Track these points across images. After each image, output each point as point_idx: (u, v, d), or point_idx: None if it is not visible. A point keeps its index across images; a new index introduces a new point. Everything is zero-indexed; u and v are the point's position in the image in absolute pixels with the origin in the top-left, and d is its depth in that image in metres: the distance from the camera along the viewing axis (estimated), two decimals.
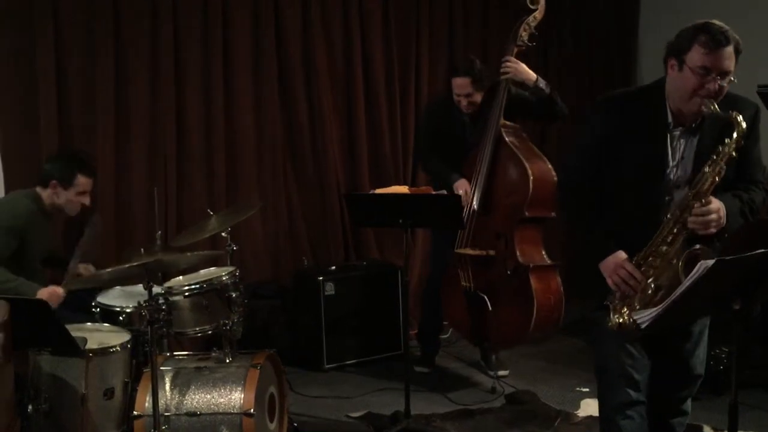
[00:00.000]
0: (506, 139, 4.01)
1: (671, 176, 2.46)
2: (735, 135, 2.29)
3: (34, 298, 3.10)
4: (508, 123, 4.07)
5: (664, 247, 2.39)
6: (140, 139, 4.51)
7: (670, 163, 2.45)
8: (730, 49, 2.29)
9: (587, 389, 4.08)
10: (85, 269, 3.73)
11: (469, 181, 4.07)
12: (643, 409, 2.53)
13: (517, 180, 3.93)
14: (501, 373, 4.32)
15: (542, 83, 4.03)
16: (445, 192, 4.07)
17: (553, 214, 3.97)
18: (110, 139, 4.40)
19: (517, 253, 3.91)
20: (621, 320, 2.44)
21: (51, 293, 3.36)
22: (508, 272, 3.93)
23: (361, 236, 5.22)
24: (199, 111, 4.67)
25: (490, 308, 3.97)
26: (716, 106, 2.30)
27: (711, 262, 1.98)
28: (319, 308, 4.51)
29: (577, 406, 3.90)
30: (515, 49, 4.05)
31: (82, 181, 3.58)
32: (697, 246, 2.31)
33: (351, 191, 5.05)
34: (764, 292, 2.14)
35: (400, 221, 3.52)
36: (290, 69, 4.94)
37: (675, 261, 2.35)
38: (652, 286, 2.40)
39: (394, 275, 4.71)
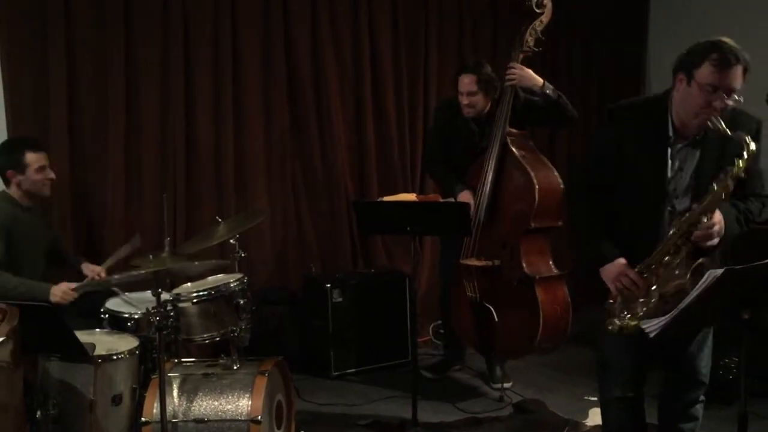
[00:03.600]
0: (512, 147, 3.96)
1: (670, 187, 2.52)
2: (745, 156, 2.31)
3: (44, 305, 3.11)
4: (513, 130, 4.02)
5: (667, 258, 2.44)
6: (150, 146, 4.53)
7: (669, 175, 2.50)
8: (739, 69, 2.34)
9: (595, 398, 4.03)
10: (92, 270, 3.74)
11: (475, 189, 4.02)
12: (637, 403, 2.75)
13: (523, 190, 3.87)
14: (505, 385, 4.28)
15: (549, 89, 3.99)
16: (452, 199, 4.05)
17: (560, 222, 3.93)
18: (120, 146, 4.43)
19: (523, 264, 3.87)
20: (621, 323, 2.51)
21: (65, 291, 3.41)
22: (515, 284, 3.89)
23: (370, 243, 5.22)
24: (209, 118, 4.68)
25: (497, 319, 3.95)
26: (722, 124, 2.33)
27: (720, 271, 1.98)
28: (327, 315, 4.51)
29: (586, 415, 3.87)
30: (521, 55, 4.01)
31: (33, 157, 3.58)
32: (702, 259, 2.37)
33: (359, 199, 5.06)
34: None
35: (408, 229, 3.52)
36: (299, 76, 4.95)
37: (678, 271, 2.40)
38: (657, 295, 2.44)
39: (402, 283, 4.70)
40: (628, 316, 2.50)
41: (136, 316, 3.38)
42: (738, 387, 2.24)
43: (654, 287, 2.44)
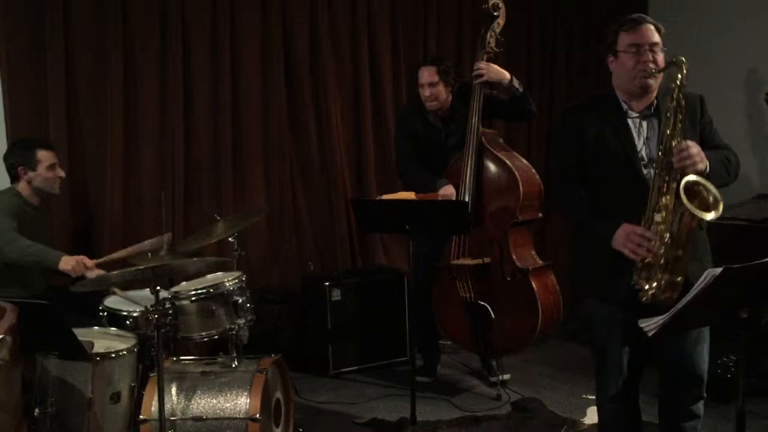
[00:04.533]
0: (488, 146, 4.05)
1: (643, 155, 2.60)
2: (683, 71, 2.44)
3: (42, 302, 3.11)
4: (487, 130, 4.14)
5: (663, 198, 2.46)
6: (149, 144, 4.53)
7: (638, 144, 2.61)
8: (650, 26, 2.58)
9: (593, 396, 4.05)
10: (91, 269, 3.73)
11: (456, 190, 4.04)
12: (633, 400, 2.80)
13: (507, 186, 3.95)
14: (503, 377, 4.28)
15: (516, 82, 4.08)
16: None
17: (540, 215, 4.04)
18: (119, 144, 4.42)
19: (514, 258, 3.94)
20: (652, 291, 2.48)
21: (78, 261, 3.41)
22: (508, 278, 3.95)
23: (368, 242, 5.23)
24: (207, 116, 4.68)
25: (493, 316, 3.97)
26: (658, 68, 2.51)
27: (718, 270, 1.98)
28: (326, 313, 4.51)
29: (584, 413, 3.88)
30: (485, 56, 4.11)
31: (44, 155, 3.65)
32: (691, 177, 2.39)
33: (358, 197, 5.06)
34: None
35: (407, 227, 3.52)
36: (298, 74, 4.95)
37: (677, 203, 2.39)
38: (667, 236, 2.44)
39: (401, 281, 4.71)
40: (654, 282, 2.47)
41: (134, 314, 3.38)
42: (736, 386, 2.24)
43: (665, 232, 2.44)
